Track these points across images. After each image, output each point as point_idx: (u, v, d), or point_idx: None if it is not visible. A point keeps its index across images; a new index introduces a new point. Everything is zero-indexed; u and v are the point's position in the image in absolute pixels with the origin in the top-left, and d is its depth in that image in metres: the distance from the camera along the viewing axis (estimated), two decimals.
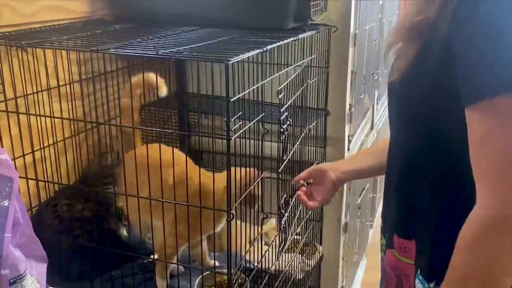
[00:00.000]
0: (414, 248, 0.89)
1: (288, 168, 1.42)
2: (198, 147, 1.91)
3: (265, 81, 1.30)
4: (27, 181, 1.23)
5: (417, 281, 0.88)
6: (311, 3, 1.52)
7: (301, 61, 1.58)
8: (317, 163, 1.68)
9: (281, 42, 1.31)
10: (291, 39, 1.38)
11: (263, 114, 1.23)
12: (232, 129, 1.03)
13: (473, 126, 0.69)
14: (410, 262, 0.91)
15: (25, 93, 1.27)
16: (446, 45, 0.73)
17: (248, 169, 1.22)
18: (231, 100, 1.03)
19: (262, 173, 1.26)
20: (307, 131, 1.68)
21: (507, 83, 0.65)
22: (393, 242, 0.94)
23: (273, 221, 1.76)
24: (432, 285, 0.84)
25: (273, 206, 1.41)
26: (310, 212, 1.76)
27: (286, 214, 1.38)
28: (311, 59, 1.58)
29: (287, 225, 1.42)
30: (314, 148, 1.75)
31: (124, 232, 1.43)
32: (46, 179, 1.31)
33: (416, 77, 0.80)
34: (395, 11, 2.74)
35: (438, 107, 0.78)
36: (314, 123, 1.72)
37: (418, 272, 0.87)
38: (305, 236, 1.74)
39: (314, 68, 1.66)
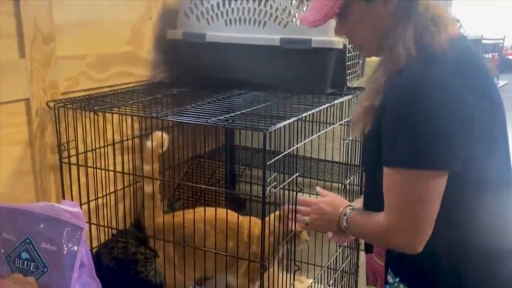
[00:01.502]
0: (384, 254, 1.19)
1: None
2: (243, 195, 2.06)
3: (305, 140, 1.45)
4: (90, 225, 1.42)
5: (389, 276, 1.17)
6: (349, 70, 1.67)
7: (344, 120, 1.72)
8: None
9: (317, 109, 1.46)
10: (327, 105, 1.52)
11: (297, 174, 1.36)
12: (271, 184, 1.19)
13: (384, 177, 1.04)
14: (381, 264, 1.20)
15: (93, 148, 1.47)
16: (380, 125, 1.04)
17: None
18: (267, 164, 1.18)
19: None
20: (343, 186, 1.80)
21: (399, 161, 1.00)
22: (373, 248, 1.23)
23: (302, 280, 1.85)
24: (397, 279, 1.14)
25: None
26: (344, 264, 1.85)
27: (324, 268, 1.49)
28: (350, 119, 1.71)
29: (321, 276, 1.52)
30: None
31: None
32: (105, 224, 1.49)
33: (369, 139, 1.12)
34: None
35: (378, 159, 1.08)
36: (351, 178, 1.84)
37: (389, 270, 1.17)
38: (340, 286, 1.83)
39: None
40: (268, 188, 1.21)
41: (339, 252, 1.80)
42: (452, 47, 1.01)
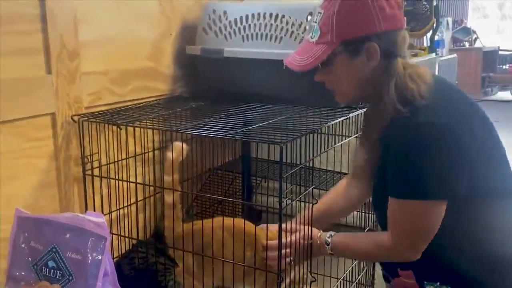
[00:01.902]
0: (411, 274, 1.27)
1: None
2: (259, 207, 2.09)
3: (321, 153, 1.48)
4: (111, 235, 1.46)
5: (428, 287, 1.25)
6: None
7: (359, 133, 1.75)
8: (369, 229, 1.80)
9: (332, 122, 1.49)
10: (342, 118, 1.55)
11: (313, 186, 1.39)
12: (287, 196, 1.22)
13: (390, 201, 1.19)
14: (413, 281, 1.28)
15: (115, 160, 1.52)
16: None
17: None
18: (284, 176, 1.21)
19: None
20: None
21: (404, 193, 1.15)
22: (398, 273, 1.29)
23: None
24: (438, 284, 1.23)
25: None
26: (361, 276, 1.86)
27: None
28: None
29: None
30: (364, 214, 1.86)
31: None
32: (126, 235, 1.53)
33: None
34: (453, 82, 2.85)
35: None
36: None
37: (425, 283, 1.25)
38: None
39: None
40: (285, 200, 1.24)
41: (355, 264, 1.81)
42: (432, 92, 1.14)
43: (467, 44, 9.66)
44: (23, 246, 1.14)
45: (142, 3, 1.64)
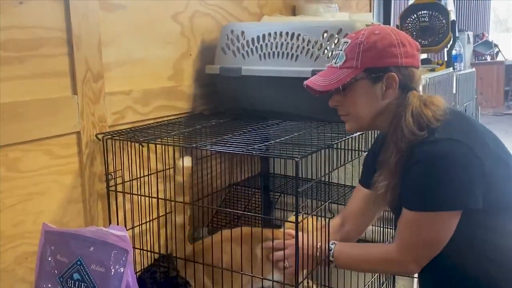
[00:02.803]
0: None
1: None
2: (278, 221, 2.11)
3: (337, 168, 1.51)
4: (134, 250, 1.50)
5: None
6: None
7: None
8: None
9: (348, 137, 1.52)
10: (358, 133, 1.58)
11: (330, 200, 1.41)
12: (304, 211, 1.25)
13: (403, 214, 1.25)
14: None
15: (137, 176, 1.57)
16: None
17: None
18: (299, 190, 1.24)
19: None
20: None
21: (419, 205, 1.21)
22: None
23: None
24: None
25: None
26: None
27: None
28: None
29: None
30: (383, 229, 1.87)
31: None
32: (149, 249, 1.57)
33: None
34: (472, 96, 2.85)
35: None
36: None
37: None
38: None
39: None
40: (301, 214, 1.27)
41: (374, 279, 1.82)
42: (447, 115, 1.23)
43: (488, 58, 9.58)
44: (49, 259, 1.19)
45: (163, 25, 1.70)
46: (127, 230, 1.53)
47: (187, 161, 1.49)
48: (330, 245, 1.35)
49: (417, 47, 1.28)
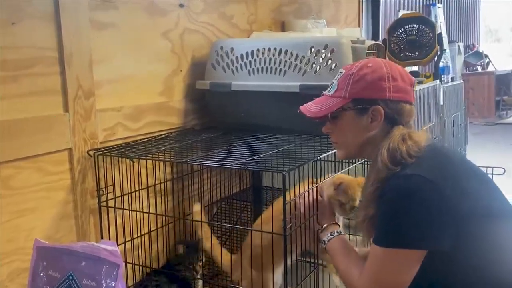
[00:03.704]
0: None
1: None
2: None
3: (326, 180, 1.53)
4: (126, 264, 1.52)
5: None
6: None
7: (363, 159, 1.80)
8: None
9: (334, 151, 1.54)
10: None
11: (317, 212, 1.44)
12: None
13: (371, 249, 1.22)
14: None
15: (129, 191, 1.59)
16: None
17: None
18: (286, 203, 1.27)
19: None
20: None
21: (384, 241, 1.17)
22: None
23: None
24: None
25: None
26: None
27: None
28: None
29: None
30: None
31: None
32: (140, 263, 1.59)
33: None
34: (460, 108, 2.89)
35: None
36: None
37: None
38: None
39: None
40: (289, 226, 1.30)
41: None
42: (424, 152, 1.20)
43: (479, 68, 9.68)
44: (41, 274, 1.20)
45: (154, 43, 1.74)
46: (119, 245, 1.54)
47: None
48: (334, 232, 1.37)
49: (410, 82, 1.28)
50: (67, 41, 1.44)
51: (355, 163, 1.76)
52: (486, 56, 9.78)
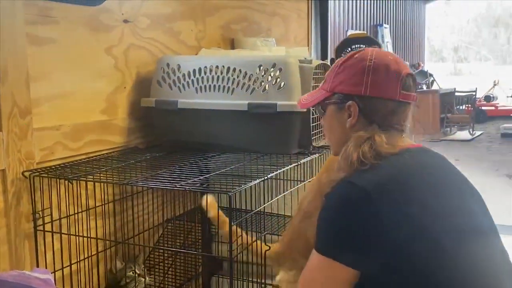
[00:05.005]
0: None
1: None
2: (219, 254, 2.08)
3: (274, 199, 1.52)
4: None
5: None
6: (314, 131, 1.76)
7: (313, 178, 1.80)
8: None
9: (283, 169, 1.54)
10: (293, 165, 1.60)
11: (265, 232, 1.42)
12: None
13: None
14: None
15: (67, 214, 1.51)
16: None
17: None
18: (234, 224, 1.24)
19: None
20: None
21: (315, 246, 1.08)
22: None
23: None
24: None
25: None
26: None
27: None
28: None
29: None
30: None
31: None
32: None
33: None
34: None
35: None
36: None
37: None
38: None
39: None
40: (236, 248, 1.26)
41: None
42: (378, 159, 1.08)
43: (424, 87, 10.08)
44: None
45: (96, 59, 1.68)
46: (56, 271, 1.47)
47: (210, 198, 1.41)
48: None
49: (398, 77, 1.13)
50: (2, 57, 1.36)
51: (305, 181, 1.75)
52: (431, 75, 10.21)
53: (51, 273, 1.37)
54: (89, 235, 1.50)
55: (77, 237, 1.51)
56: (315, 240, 1.09)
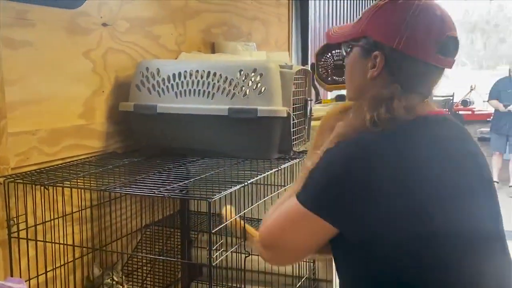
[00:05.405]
0: None
1: None
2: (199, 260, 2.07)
3: (255, 204, 1.51)
4: None
5: None
6: (294, 136, 1.76)
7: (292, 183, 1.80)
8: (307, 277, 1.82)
9: (263, 175, 1.53)
10: (274, 170, 1.60)
11: (244, 241, 1.40)
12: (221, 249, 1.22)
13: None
14: None
15: (43, 220, 1.48)
16: None
17: None
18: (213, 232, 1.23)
19: None
20: None
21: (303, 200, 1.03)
22: None
23: None
24: None
25: None
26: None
27: None
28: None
29: None
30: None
31: None
32: None
33: None
34: None
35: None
36: None
37: None
38: None
39: None
40: (215, 254, 1.25)
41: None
42: (400, 127, 1.01)
43: None
44: None
45: (73, 62, 1.65)
46: (31, 279, 1.43)
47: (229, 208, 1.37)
48: None
49: (438, 38, 1.04)
50: None
51: (285, 186, 1.75)
52: None
53: (26, 281, 1.35)
54: (65, 242, 1.47)
55: (53, 244, 1.47)
56: (299, 188, 1.05)
